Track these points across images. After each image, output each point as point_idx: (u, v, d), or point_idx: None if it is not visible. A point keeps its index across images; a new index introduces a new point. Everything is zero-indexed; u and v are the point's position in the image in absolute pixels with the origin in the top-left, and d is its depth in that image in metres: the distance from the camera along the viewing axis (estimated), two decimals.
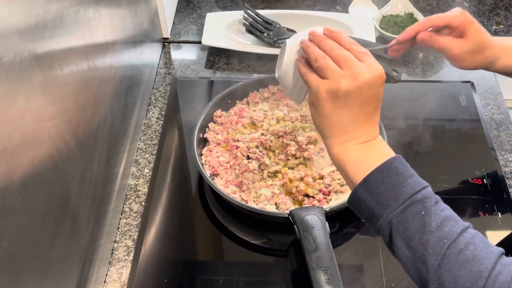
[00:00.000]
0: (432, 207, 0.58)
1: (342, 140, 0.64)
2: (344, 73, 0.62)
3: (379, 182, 0.60)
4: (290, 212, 0.81)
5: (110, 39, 0.85)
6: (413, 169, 0.62)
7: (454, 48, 0.81)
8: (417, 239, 0.57)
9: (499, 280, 0.54)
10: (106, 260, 0.85)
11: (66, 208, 0.68)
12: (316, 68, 0.64)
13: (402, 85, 1.15)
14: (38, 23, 0.58)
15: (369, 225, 0.63)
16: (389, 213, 0.59)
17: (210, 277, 0.85)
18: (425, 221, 0.57)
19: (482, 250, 0.56)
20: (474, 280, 0.54)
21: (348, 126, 0.64)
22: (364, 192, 0.61)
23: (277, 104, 1.07)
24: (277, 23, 1.23)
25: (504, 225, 0.90)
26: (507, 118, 1.09)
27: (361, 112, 0.63)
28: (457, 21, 0.79)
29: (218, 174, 0.94)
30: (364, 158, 0.63)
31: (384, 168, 0.61)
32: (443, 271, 0.55)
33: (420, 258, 0.57)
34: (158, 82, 1.17)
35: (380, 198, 0.60)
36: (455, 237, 0.56)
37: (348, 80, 0.62)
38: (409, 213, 0.58)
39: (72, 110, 0.68)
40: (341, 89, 0.62)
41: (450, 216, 0.59)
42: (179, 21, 1.34)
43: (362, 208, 0.62)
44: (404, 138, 1.03)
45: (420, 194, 0.59)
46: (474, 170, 0.98)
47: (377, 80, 0.63)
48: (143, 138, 1.05)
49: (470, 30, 0.80)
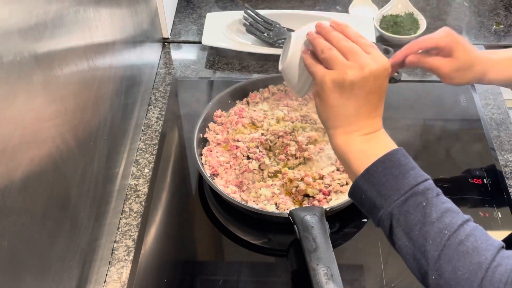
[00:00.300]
0: (433, 198, 0.59)
1: (346, 131, 0.65)
2: (350, 64, 0.63)
3: (381, 173, 0.61)
4: (290, 212, 0.81)
5: (110, 39, 0.85)
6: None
7: (443, 67, 0.82)
8: (417, 230, 0.57)
9: (498, 272, 0.54)
10: (106, 260, 0.85)
11: (66, 208, 0.68)
12: (323, 60, 0.65)
13: (402, 85, 1.15)
14: (38, 23, 0.58)
15: (369, 216, 0.63)
16: (390, 203, 0.59)
17: (210, 277, 0.85)
18: (426, 212, 0.58)
19: (482, 242, 0.56)
20: (474, 271, 0.54)
21: (352, 117, 0.65)
22: (365, 183, 0.61)
23: (277, 104, 1.07)
24: (277, 23, 1.23)
25: (504, 225, 0.90)
26: (507, 118, 1.09)
27: (365, 103, 0.64)
28: (443, 42, 0.80)
29: (218, 174, 0.94)
30: (366, 150, 0.63)
31: (386, 159, 0.61)
32: (443, 262, 0.56)
33: (420, 249, 0.57)
34: (158, 82, 1.17)
35: (382, 189, 0.60)
36: (456, 229, 0.57)
37: (354, 70, 0.62)
38: (410, 204, 0.58)
39: (72, 110, 0.68)
40: (347, 79, 0.62)
41: (451, 208, 0.59)
42: (179, 21, 1.34)
43: (363, 199, 0.62)
44: (404, 138, 1.03)
45: (422, 186, 0.59)
46: (474, 170, 0.98)
47: (383, 72, 0.64)
48: (143, 138, 1.05)
49: (457, 49, 0.81)
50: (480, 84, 0.87)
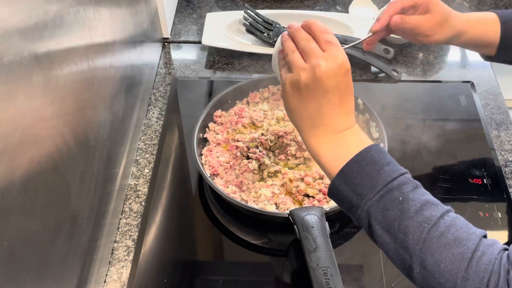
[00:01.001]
0: (409, 193, 0.58)
1: (314, 133, 0.65)
2: (304, 66, 0.63)
3: (355, 172, 0.60)
4: (290, 212, 0.81)
5: (110, 39, 0.85)
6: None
7: (424, 23, 0.85)
8: (396, 226, 0.57)
9: (483, 261, 0.54)
10: (106, 260, 0.85)
11: (66, 208, 0.68)
12: (286, 63, 0.66)
13: (402, 85, 1.15)
14: (38, 23, 0.58)
15: (349, 215, 0.63)
16: (366, 202, 0.59)
17: (210, 277, 0.85)
18: (403, 208, 0.57)
19: (463, 231, 0.56)
20: (457, 262, 0.54)
21: (315, 119, 0.64)
22: (341, 183, 0.61)
23: (277, 104, 1.07)
24: (277, 23, 1.23)
25: (504, 225, 0.90)
26: (507, 118, 1.09)
27: (326, 103, 0.63)
28: (421, 0, 0.84)
29: (218, 174, 0.94)
30: (338, 150, 0.63)
31: (360, 158, 0.61)
32: (425, 255, 0.55)
33: (402, 245, 0.57)
34: (158, 82, 1.17)
35: (357, 188, 0.60)
36: (435, 221, 0.56)
37: (306, 72, 0.62)
38: (386, 200, 0.58)
39: (72, 110, 0.68)
40: (301, 81, 0.63)
41: (430, 201, 0.58)
42: (179, 21, 1.34)
43: (341, 199, 0.62)
44: (404, 138, 1.03)
45: (397, 181, 0.59)
46: (474, 170, 0.98)
47: (337, 71, 0.63)
48: (143, 138, 1.05)
49: (433, 4, 0.85)
50: (456, 44, 0.91)
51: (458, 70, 1.20)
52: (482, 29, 0.89)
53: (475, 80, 1.16)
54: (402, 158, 1.00)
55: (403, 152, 1.00)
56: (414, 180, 0.60)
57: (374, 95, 1.09)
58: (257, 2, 1.40)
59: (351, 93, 0.65)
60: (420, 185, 0.60)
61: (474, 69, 1.20)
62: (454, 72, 1.19)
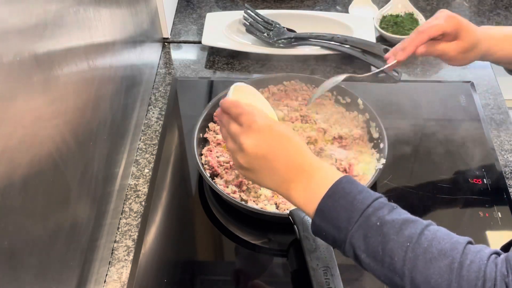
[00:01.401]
0: (386, 216, 0.59)
1: (284, 188, 0.65)
2: (234, 148, 0.67)
3: (331, 207, 0.61)
4: (290, 212, 0.81)
5: (110, 39, 0.85)
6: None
7: (451, 51, 0.85)
8: (380, 251, 0.57)
9: (473, 269, 0.54)
10: (106, 260, 0.85)
11: (66, 208, 0.68)
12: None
13: (402, 85, 1.15)
14: (38, 23, 0.58)
15: (339, 250, 0.63)
16: (347, 234, 0.59)
17: (210, 277, 0.85)
18: (383, 232, 0.58)
19: (446, 242, 0.56)
20: (446, 274, 0.54)
21: (276, 182, 0.66)
22: (321, 221, 0.62)
23: (277, 104, 1.07)
24: (277, 23, 1.23)
25: (504, 225, 0.89)
26: (507, 118, 1.09)
27: (275, 165, 0.65)
28: (450, 27, 0.83)
29: (218, 174, 0.94)
30: (310, 195, 0.63)
31: (332, 192, 0.61)
32: (414, 274, 0.55)
33: (389, 268, 0.57)
34: (158, 82, 1.17)
35: (336, 223, 0.60)
36: (417, 238, 0.56)
37: (239, 154, 0.66)
38: (365, 228, 0.59)
39: (72, 110, 0.68)
40: (242, 163, 0.66)
41: (408, 219, 0.59)
42: (179, 21, 1.34)
43: (324, 236, 0.63)
44: (404, 138, 1.03)
45: (371, 207, 0.59)
46: (474, 170, 0.98)
47: (260, 135, 0.65)
48: (143, 138, 1.05)
49: (463, 32, 0.84)
50: (483, 61, 0.90)
51: (458, 70, 1.20)
52: (509, 48, 0.88)
53: (475, 80, 1.16)
54: (402, 158, 1.00)
55: (403, 152, 1.00)
56: (389, 203, 0.61)
57: (374, 95, 1.09)
58: (257, 2, 1.40)
59: (291, 138, 0.65)
60: (397, 206, 0.61)
61: (474, 69, 1.20)
62: (454, 72, 1.19)
